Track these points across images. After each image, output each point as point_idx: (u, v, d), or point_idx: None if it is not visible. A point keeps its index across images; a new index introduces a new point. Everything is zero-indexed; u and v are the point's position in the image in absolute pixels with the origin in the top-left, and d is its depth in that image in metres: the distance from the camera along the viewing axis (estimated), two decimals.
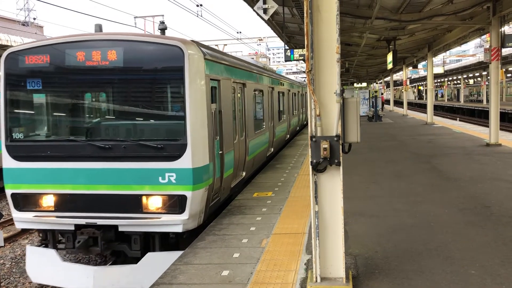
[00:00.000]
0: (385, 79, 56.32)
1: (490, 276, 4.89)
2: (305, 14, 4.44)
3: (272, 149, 14.23)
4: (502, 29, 15.36)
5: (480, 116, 41.28)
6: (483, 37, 31.59)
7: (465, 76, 59.93)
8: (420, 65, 46.51)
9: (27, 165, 6.85)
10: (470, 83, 68.47)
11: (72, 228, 6.76)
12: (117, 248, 6.87)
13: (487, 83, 43.64)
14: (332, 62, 4.46)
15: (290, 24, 18.94)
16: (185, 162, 6.47)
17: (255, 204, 8.46)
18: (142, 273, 6.50)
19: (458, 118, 36.65)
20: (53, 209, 6.83)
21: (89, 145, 6.67)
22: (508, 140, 16.48)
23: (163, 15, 25.39)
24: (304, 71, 5.24)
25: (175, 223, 6.54)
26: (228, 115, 8.41)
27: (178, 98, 6.68)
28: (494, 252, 5.58)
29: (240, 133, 9.52)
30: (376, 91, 35.71)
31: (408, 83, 44.07)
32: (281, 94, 16.68)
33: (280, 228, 6.92)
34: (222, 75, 8.08)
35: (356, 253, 5.69)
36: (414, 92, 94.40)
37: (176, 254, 6.12)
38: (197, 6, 24.81)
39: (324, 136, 4.52)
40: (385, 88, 60.34)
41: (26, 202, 6.92)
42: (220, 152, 7.81)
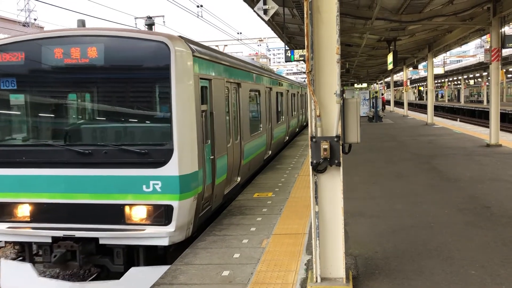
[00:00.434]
0: (386, 80, 56.32)
1: (490, 277, 4.90)
2: (305, 15, 4.45)
3: (270, 152, 13.85)
4: (502, 30, 15.38)
5: (481, 117, 41.27)
6: (484, 38, 31.58)
7: (466, 77, 59.92)
8: (421, 66, 46.46)
9: (0, 172, 6.33)
10: (471, 84, 68.48)
11: (49, 241, 6.20)
12: (98, 262, 6.35)
13: (488, 84, 43.60)
14: (332, 63, 4.47)
15: (291, 25, 18.96)
16: (171, 169, 5.95)
17: (256, 205, 8.47)
18: None
19: (459, 119, 36.65)
20: (29, 220, 6.31)
21: (68, 150, 6.15)
22: (509, 141, 16.48)
23: (164, 16, 25.45)
24: (305, 72, 5.24)
25: (161, 236, 6.01)
26: (221, 117, 7.88)
27: (164, 99, 6.21)
28: (494, 253, 5.59)
29: (235, 136, 9.05)
30: (377, 92, 35.67)
31: (409, 84, 44.11)
32: (280, 95, 16.24)
33: (281, 229, 6.93)
34: (214, 74, 7.58)
35: (356, 254, 5.70)
36: (415, 93, 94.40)
37: (163, 269, 5.70)
38: (198, 7, 24.85)
39: (324, 137, 4.53)
40: (386, 89, 60.34)
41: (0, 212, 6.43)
42: (212, 157, 7.30)
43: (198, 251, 6.08)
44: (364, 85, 50.73)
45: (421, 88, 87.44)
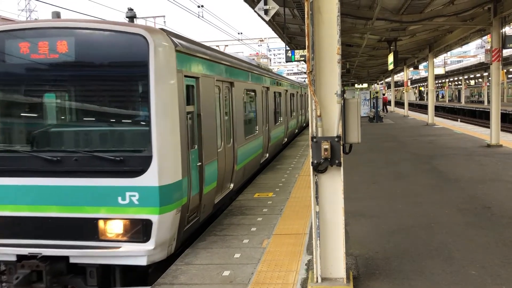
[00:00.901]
0: (386, 80, 56.34)
1: (490, 277, 4.90)
2: (306, 15, 4.46)
3: (267, 155, 13.24)
4: (503, 30, 15.38)
5: (481, 117, 41.24)
6: (484, 38, 31.57)
7: (466, 77, 59.93)
8: (421, 66, 46.49)
9: None
10: (471, 84, 68.49)
11: (14, 259, 5.47)
12: (69, 283, 5.59)
13: (488, 84, 43.61)
14: (333, 63, 4.48)
15: (291, 25, 18.97)
16: (150, 179, 5.27)
17: (256, 205, 8.47)
18: None
19: (459, 119, 36.63)
20: None
21: (34, 157, 5.47)
22: (509, 141, 16.48)
23: (164, 16, 25.48)
24: (305, 72, 5.24)
25: (139, 254, 5.36)
26: (210, 119, 7.15)
27: (142, 99, 5.50)
28: (494, 253, 5.60)
29: (227, 139, 8.32)
30: (377, 92, 35.67)
31: (409, 84, 44.09)
32: (278, 95, 15.63)
33: (281, 229, 6.93)
34: (202, 72, 6.84)
35: (357, 254, 5.70)
36: (415, 93, 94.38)
37: None
38: (198, 7, 24.86)
39: (325, 137, 4.54)
40: (386, 89, 60.35)
41: None
42: (199, 164, 6.59)
43: (199, 251, 6.08)
44: (365, 85, 50.78)
45: (422, 89, 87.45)
